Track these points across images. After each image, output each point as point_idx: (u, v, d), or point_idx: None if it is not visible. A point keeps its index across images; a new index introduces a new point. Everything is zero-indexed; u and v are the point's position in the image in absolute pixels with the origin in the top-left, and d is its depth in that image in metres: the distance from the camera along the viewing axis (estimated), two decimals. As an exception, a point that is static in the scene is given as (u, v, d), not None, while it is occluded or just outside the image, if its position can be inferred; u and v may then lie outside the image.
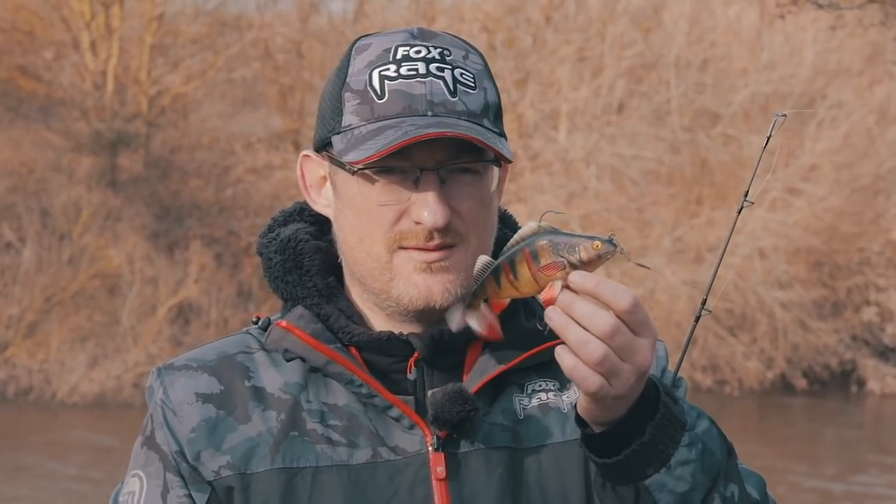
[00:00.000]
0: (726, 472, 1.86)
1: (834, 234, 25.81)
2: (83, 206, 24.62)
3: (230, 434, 1.97)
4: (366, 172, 1.93)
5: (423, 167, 1.92)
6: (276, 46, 27.65)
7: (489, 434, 1.97)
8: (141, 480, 1.98)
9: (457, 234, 1.94)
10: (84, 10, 26.29)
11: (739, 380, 24.85)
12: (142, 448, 2.01)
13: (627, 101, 26.28)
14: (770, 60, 26.61)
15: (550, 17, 26.56)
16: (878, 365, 25.81)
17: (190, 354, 2.06)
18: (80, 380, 22.92)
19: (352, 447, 1.95)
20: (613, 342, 1.71)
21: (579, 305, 1.71)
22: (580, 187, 25.11)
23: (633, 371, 1.73)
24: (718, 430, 1.87)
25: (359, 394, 1.97)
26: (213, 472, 1.96)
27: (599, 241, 1.72)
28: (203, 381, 2.00)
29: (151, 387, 2.03)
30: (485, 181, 1.97)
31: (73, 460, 18.05)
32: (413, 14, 26.22)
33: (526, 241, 1.75)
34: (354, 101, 1.95)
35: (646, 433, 1.78)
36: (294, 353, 1.99)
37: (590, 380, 1.72)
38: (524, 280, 1.75)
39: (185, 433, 1.97)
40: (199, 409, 1.98)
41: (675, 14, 27.11)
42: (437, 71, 1.95)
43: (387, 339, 1.97)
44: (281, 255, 2.04)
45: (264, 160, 26.60)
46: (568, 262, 1.72)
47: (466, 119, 1.93)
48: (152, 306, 23.90)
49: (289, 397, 1.98)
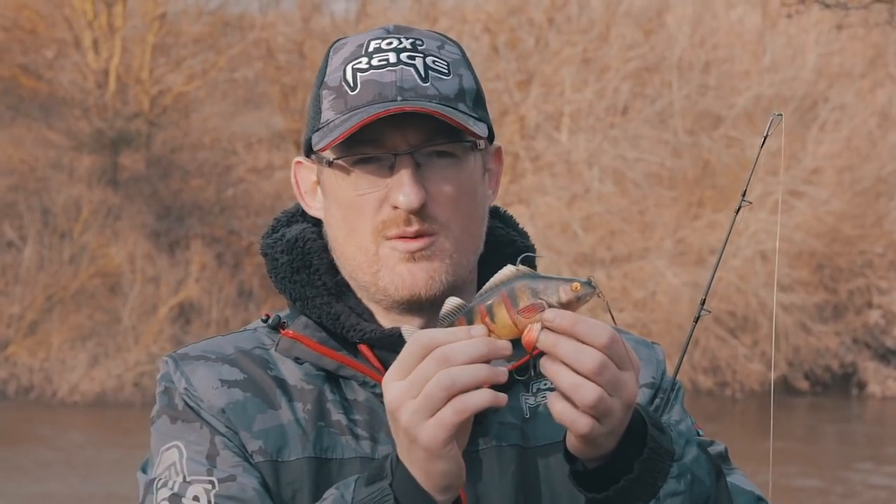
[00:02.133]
0: (716, 497, 1.85)
1: (836, 236, 25.82)
2: (84, 205, 24.63)
3: (260, 415, 1.94)
4: (342, 164, 1.94)
5: (397, 152, 1.91)
6: (278, 46, 27.66)
7: (500, 432, 1.97)
8: (180, 449, 1.93)
9: (436, 221, 1.92)
10: (86, 9, 26.30)
11: (741, 382, 24.85)
12: (173, 423, 1.95)
13: (630, 103, 26.29)
14: (772, 63, 26.61)
15: (553, 18, 26.56)
16: (880, 367, 25.82)
17: (202, 345, 2.03)
18: (80, 379, 22.93)
19: (374, 441, 1.94)
20: (602, 378, 1.68)
21: (563, 344, 1.69)
22: (582, 189, 25.11)
23: (622, 406, 1.71)
24: (707, 456, 1.85)
25: (375, 392, 1.96)
26: (249, 459, 1.94)
27: (578, 282, 1.70)
28: (225, 370, 1.98)
29: (169, 376, 1.98)
30: (464, 166, 1.95)
31: (73, 459, 18.05)
32: (415, 14, 26.23)
33: (503, 285, 1.72)
34: (330, 97, 1.96)
35: (634, 469, 1.77)
36: (305, 360, 1.99)
37: (580, 422, 1.70)
38: (502, 324, 1.72)
39: (218, 413, 1.94)
40: (226, 393, 1.95)
41: (678, 16, 27.12)
42: (407, 59, 1.95)
43: (398, 335, 1.95)
44: (288, 254, 2.03)
45: (265, 160, 26.62)
46: (547, 305, 1.70)
47: (438, 102, 1.92)
48: (153, 305, 23.91)
49: (313, 388, 1.97)
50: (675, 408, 2.07)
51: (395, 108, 1.88)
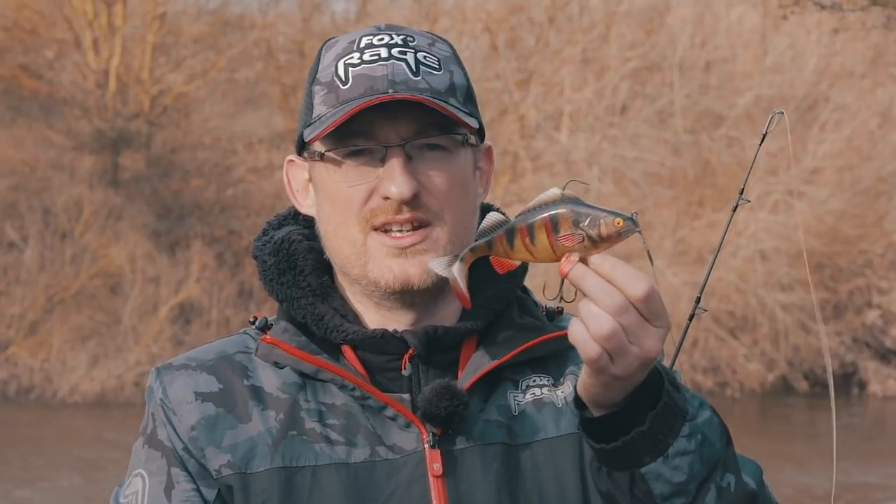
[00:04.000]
0: (724, 461, 1.84)
1: (836, 236, 25.81)
2: (85, 205, 24.63)
3: (230, 431, 1.97)
4: (334, 157, 1.95)
5: (388, 144, 1.93)
6: (278, 46, 27.66)
7: (484, 430, 1.97)
8: (143, 479, 1.98)
9: (429, 211, 1.94)
10: (86, 9, 26.30)
11: (740, 382, 24.85)
12: (143, 447, 2.00)
13: (630, 103, 26.29)
14: (773, 63, 26.61)
15: (554, 17, 26.56)
16: (880, 367, 25.82)
17: (189, 354, 2.06)
18: (81, 379, 22.93)
19: (350, 446, 1.95)
20: (622, 320, 1.70)
21: (590, 279, 1.71)
22: (582, 189, 25.09)
23: (639, 356, 1.72)
24: (719, 420, 1.85)
25: (354, 395, 1.97)
26: (214, 470, 1.96)
27: (621, 218, 1.71)
28: (202, 380, 2.00)
29: (151, 387, 2.03)
30: (456, 159, 1.97)
31: (74, 459, 18.05)
32: (415, 14, 26.22)
33: (547, 207, 1.72)
34: (322, 93, 1.99)
35: (646, 422, 1.77)
36: (283, 364, 2.00)
37: (589, 345, 1.70)
38: (541, 246, 1.72)
39: (187, 431, 1.97)
40: (199, 408, 1.98)
41: (679, 16, 27.12)
42: (399, 54, 1.97)
43: (381, 336, 1.97)
44: (275, 256, 2.05)
45: (266, 160, 26.61)
46: (587, 236, 1.71)
47: (429, 96, 1.94)
48: (154, 305, 23.91)
49: (287, 397, 1.98)
50: None
51: (385, 97, 1.90)
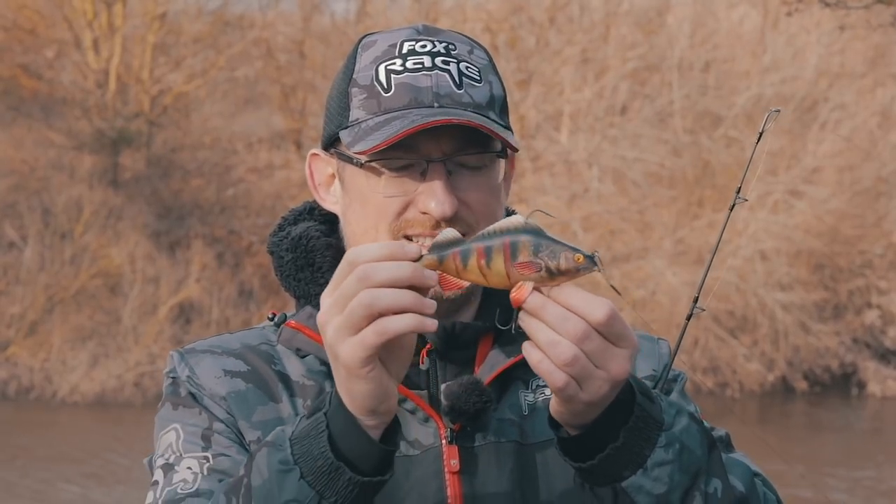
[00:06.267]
0: (708, 467, 1.82)
1: (835, 236, 25.81)
2: (85, 205, 24.63)
3: (261, 407, 1.97)
4: (373, 165, 1.94)
5: (430, 158, 1.92)
6: (278, 46, 27.67)
7: (499, 428, 1.98)
8: (177, 431, 1.97)
9: (465, 224, 1.93)
10: (86, 9, 26.30)
11: (740, 382, 24.84)
12: (174, 409, 1.99)
13: (630, 103, 26.29)
14: (773, 63, 26.61)
15: (554, 18, 26.57)
16: (879, 367, 25.82)
17: (210, 341, 2.06)
18: (81, 379, 22.93)
19: None
20: (585, 347, 1.67)
21: (550, 309, 1.67)
22: (582, 189, 25.11)
23: (607, 379, 1.70)
24: (699, 426, 1.83)
25: None
26: (246, 443, 1.97)
27: (582, 254, 1.67)
28: (230, 362, 2.01)
29: (174, 368, 2.02)
30: (492, 173, 1.98)
31: (73, 459, 18.05)
32: (415, 14, 26.23)
33: (508, 233, 1.68)
34: (361, 96, 1.97)
35: (619, 437, 1.75)
36: (306, 351, 2.01)
37: (556, 375, 1.68)
38: (496, 270, 1.68)
39: (220, 400, 1.98)
40: (228, 383, 1.98)
41: (679, 16, 27.12)
42: (442, 64, 1.96)
43: None
44: (292, 252, 2.05)
45: (266, 160, 26.62)
46: (545, 266, 1.67)
47: (472, 110, 1.94)
48: (153, 306, 23.91)
49: (313, 384, 1.99)
50: (672, 395, 2.09)
51: (441, 120, 1.88)
